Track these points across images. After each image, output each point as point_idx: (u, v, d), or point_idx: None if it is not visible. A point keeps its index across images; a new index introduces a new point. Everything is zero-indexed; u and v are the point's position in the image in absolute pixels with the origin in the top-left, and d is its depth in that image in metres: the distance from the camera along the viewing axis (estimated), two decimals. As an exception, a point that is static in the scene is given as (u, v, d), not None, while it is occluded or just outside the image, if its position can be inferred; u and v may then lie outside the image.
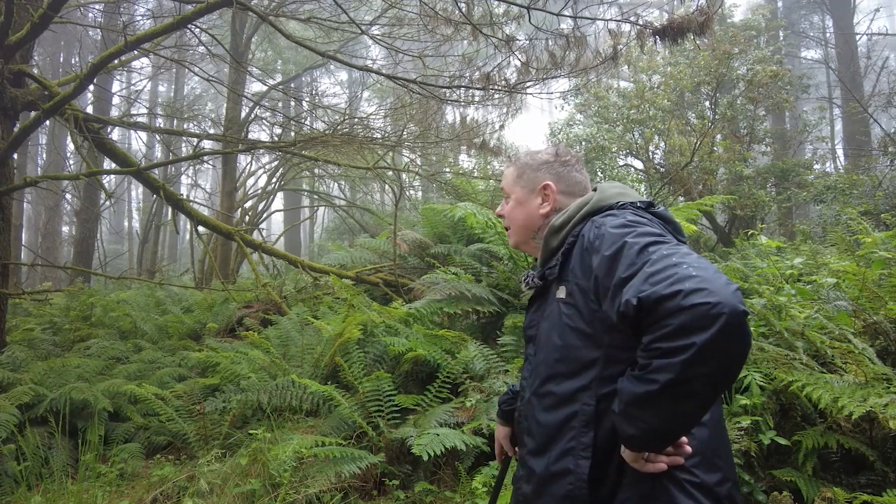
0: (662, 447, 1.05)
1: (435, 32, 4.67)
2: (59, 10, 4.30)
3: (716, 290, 0.92)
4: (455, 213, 5.10)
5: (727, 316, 0.90)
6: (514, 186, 1.47)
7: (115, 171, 6.79)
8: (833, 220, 7.30)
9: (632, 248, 1.07)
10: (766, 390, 2.51)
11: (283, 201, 18.82)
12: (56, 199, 13.36)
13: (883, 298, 2.86)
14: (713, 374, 0.93)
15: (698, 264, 0.98)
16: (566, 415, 1.18)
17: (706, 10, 3.94)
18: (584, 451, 1.14)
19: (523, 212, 1.45)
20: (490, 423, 3.09)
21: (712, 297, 0.91)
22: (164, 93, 23.94)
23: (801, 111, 12.53)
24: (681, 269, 0.97)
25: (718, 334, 0.90)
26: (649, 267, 1.01)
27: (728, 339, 0.90)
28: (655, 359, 0.95)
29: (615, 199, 1.29)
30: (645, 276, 0.99)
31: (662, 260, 1.01)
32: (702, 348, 0.90)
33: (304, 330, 4.78)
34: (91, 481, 3.29)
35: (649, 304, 0.96)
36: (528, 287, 1.36)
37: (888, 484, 2.21)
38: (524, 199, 1.45)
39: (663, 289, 0.95)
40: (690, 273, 0.95)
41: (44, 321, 6.19)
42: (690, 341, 0.91)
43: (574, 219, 1.30)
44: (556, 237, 1.32)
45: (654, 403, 0.97)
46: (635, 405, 1.00)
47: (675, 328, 0.92)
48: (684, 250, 1.04)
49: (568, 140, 9.70)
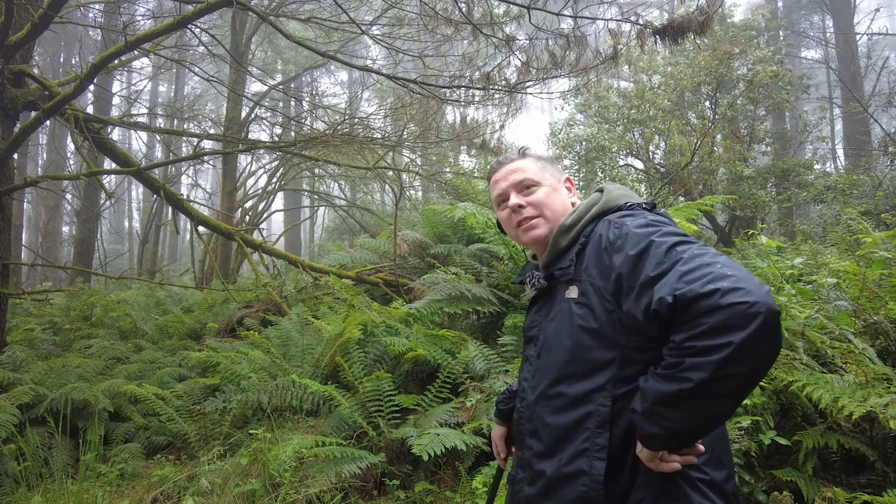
0: (682, 447, 1.05)
1: (435, 32, 4.67)
2: (60, 10, 4.30)
3: (752, 289, 0.92)
4: (455, 213, 5.10)
5: (764, 315, 0.90)
6: (542, 174, 1.41)
7: (115, 171, 6.79)
8: (833, 220, 7.30)
9: (659, 246, 1.06)
10: (766, 390, 2.51)
11: (284, 201, 18.83)
12: (56, 199, 13.37)
13: (883, 298, 2.86)
14: (746, 373, 0.93)
15: (731, 264, 0.98)
16: (580, 416, 1.16)
17: (706, 9, 3.94)
18: (598, 453, 1.13)
19: (560, 198, 1.40)
20: (490, 423, 3.09)
21: (750, 296, 0.91)
22: (165, 93, 23.96)
23: (802, 111, 12.52)
24: (715, 268, 0.97)
25: (755, 334, 0.90)
26: (682, 265, 1.00)
27: (763, 338, 0.91)
28: (689, 357, 0.94)
29: (622, 199, 1.29)
30: (679, 275, 0.99)
31: (695, 259, 1.00)
32: (739, 347, 0.90)
33: (304, 330, 4.78)
34: (91, 481, 3.29)
35: (685, 301, 0.95)
36: (534, 288, 1.35)
37: (888, 484, 2.21)
38: (557, 187, 1.42)
39: (700, 287, 0.94)
40: (725, 272, 0.95)
41: (44, 321, 6.19)
42: (727, 340, 0.91)
43: (585, 218, 1.29)
44: (565, 237, 1.30)
45: (683, 402, 0.97)
46: (662, 404, 1.00)
47: (712, 326, 0.92)
48: (713, 251, 1.04)
49: (568, 140, 9.70)
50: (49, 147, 14.77)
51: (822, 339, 2.61)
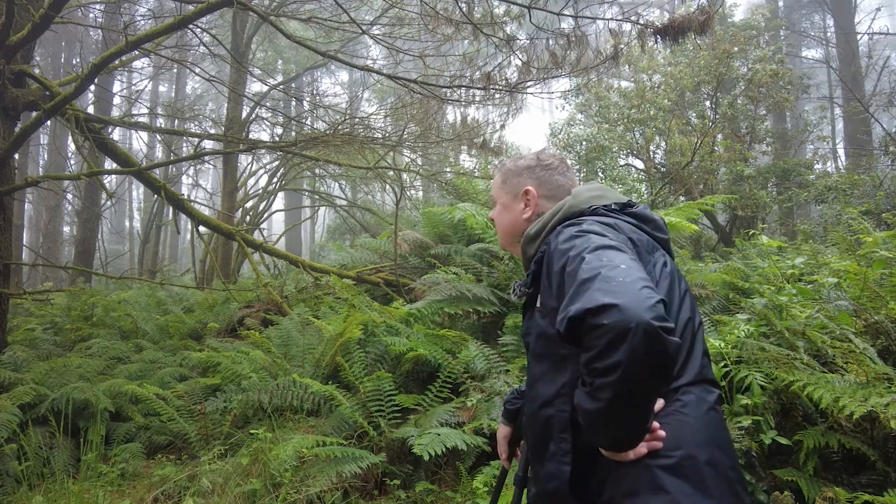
0: (633, 446, 1.07)
1: (436, 32, 4.67)
2: (60, 11, 4.31)
3: (625, 304, 0.93)
4: (455, 214, 5.10)
5: (634, 330, 0.91)
6: (499, 192, 1.51)
7: (116, 171, 6.79)
8: (834, 220, 7.30)
9: (571, 263, 1.10)
10: (767, 390, 2.50)
11: (284, 201, 18.84)
12: (57, 199, 13.38)
13: (884, 298, 2.86)
14: (645, 380, 0.96)
15: (617, 276, 1.00)
16: (546, 420, 1.20)
17: (707, 9, 3.94)
18: (563, 457, 1.16)
19: (508, 217, 1.48)
20: (491, 423, 3.09)
21: (623, 313, 0.93)
22: (165, 93, 23.96)
23: (802, 111, 12.51)
24: (600, 283, 0.99)
25: (634, 350, 0.92)
26: (575, 288, 1.03)
27: (645, 350, 0.92)
28: (596, 377, 0.97)
29: (588, 203, 1.31)
30: (572, 296, 1.02)
31: (589, 278, 1.02)
32: (627, 365, 0.92)
33: (305, 330, 4.78)
34: (92, 481, 3.29)
35: (575, 323, 0.98)
36: (517, 296, 1.38)
37: (889, 484, 2.21)
38: (509, 203, 1.49)
39: (583, 307, 0.96)
40: (609, 287, 0.97)
41: (45, 321, 6.20)
42: (616, 360, 0.93)
43: (548, 227, 1.32)
44: (532, 245, 1.35)
45: (608, 417, 1.00)
46: (593, 419, 1.02)
47: (602, 348, 0.94)
48: (615, 259, 1.05)
49: (568, 140, 9.69)
50: (50, 147, 14.78)
51: (823, 338, 2.61)
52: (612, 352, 0.93)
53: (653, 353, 0.93)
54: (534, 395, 1.26)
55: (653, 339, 0.92)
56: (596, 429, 1.04)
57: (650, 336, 0.92)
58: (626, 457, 1.07)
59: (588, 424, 1.04)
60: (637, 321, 0.92)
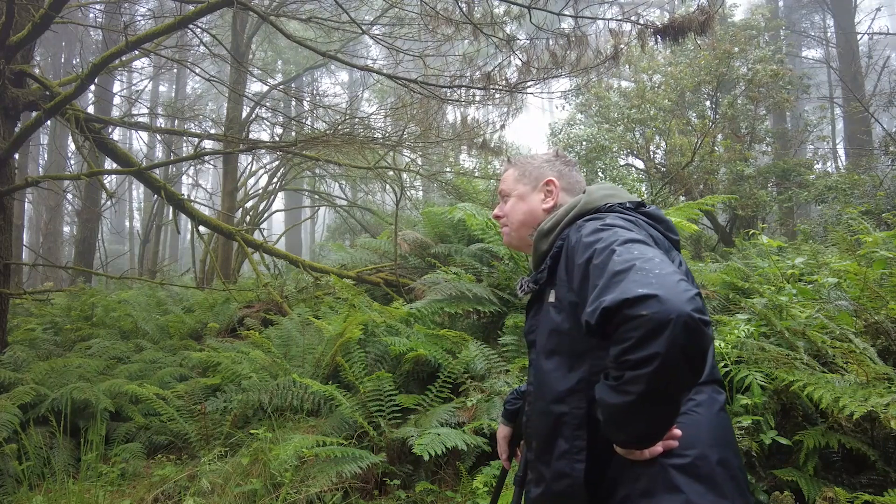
0: (654, 443, 1.06)
1: (436, 32, 4.67)
2: (61, 11, 4.31)
3: (666, 295, 0.92)
4: (454, 214, 5.10)
5: (674, 322, 0.90)
6: (515, 185, 1.49)
7: (116, 171, 6.80)
8: (834, 220, 7.29)
9: (599, 256, 1.08)
10: (767, 390, 2.50)
11: (284, 201, 18.85)
12: (57, 199, 13.39)
13: (884, 298, 2.86)
14: (682, 376, 0.94)
15: (656, 269, 0.99)
16: (559, 418, 1.19)
17: (707, 9, 3.94)
18: (578, 455, 1.15)
19: (524, 207, 1.46)
20: (491, 423, 3.09)
21: (663, 304, 0.91)
22: (165, 93, 23.97)
23: (802, 111, 12.52)
24: (639, 275, 0.97)
25: (674, 341, 0.90)
26: (609, 278, 1.01)
27: (684, 343, 0.91)
28: (627, 370, 0.95)
29: (603, 200, 1.31)
30: (602, 289, 1.00)
31: (621, 270, 1.01)
32: (664, 357, 0.91)
33: (305, 330, 4.78)
34: (93, 481, 3.29)
35: (608, 315, 0.96)
36: (524, 292, 1.38)
37: (889, 484, 2.21)
38: (527, 194, 1.47)
39: (619, 298, 0.95)
40: (648, 280, 0.96)
41: (45, 321, 6.20)
42: (653, 352, 0.91)
43: (563, 222, 1.31)
44: (545, 241, 1.33)
45: (634, 412, 0.98)
46: (617, 414, 1.01)
47: (638, 339, 0.93)
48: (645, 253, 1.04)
49: (569, 140, 9.69)
50: (50, 147, 14.78)
51: (823, 338, 2.61)
52: (649, 343, 0.91)
53: (692, 346, 0.92)
54: (541, 393, 1.24)
55: (692, 332, 0.91)
56: (619, 425, 1.02)
57: (690, 328, 0.90)
58: (642, 455, 1.07)
59: (610, 419, 1.03)
60: (678, 313, 0.90)
